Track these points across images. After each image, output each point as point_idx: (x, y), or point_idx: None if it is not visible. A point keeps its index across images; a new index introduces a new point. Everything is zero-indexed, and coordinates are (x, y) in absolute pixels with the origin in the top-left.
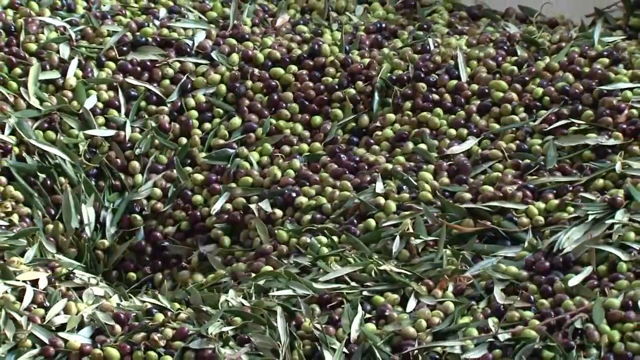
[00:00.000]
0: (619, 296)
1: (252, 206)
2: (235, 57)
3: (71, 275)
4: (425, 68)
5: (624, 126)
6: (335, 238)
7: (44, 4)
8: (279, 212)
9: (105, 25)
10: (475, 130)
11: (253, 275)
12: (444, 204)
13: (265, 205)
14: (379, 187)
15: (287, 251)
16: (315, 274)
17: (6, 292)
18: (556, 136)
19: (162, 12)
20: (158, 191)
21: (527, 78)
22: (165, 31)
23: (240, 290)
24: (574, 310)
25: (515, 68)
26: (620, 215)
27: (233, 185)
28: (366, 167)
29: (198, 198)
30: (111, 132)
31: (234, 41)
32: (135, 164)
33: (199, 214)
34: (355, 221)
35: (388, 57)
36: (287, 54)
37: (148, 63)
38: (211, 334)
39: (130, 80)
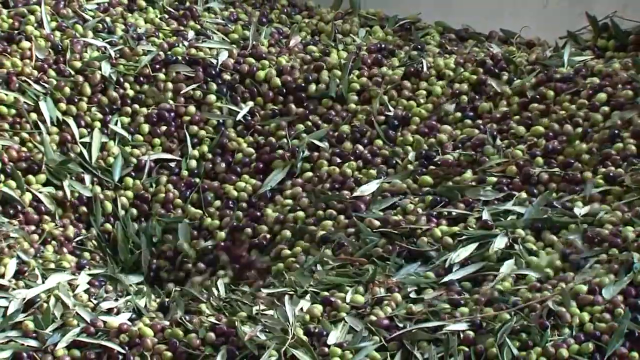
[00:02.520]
0: (586, 284)
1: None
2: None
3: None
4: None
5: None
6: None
7: (87, 26)
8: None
9: (141, 45)
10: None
11: None
12: (360, 228)
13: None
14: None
15: None
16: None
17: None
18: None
19: (191, 34)
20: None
21: (471, 114)
22: (193, 51)
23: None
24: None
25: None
26: (500, 241)
27: None
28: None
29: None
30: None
31: (252, 60)
32: None
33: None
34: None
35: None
36: (294, 80)
37: (168, 114)
38: (232, 315)
39: (155, 155)
